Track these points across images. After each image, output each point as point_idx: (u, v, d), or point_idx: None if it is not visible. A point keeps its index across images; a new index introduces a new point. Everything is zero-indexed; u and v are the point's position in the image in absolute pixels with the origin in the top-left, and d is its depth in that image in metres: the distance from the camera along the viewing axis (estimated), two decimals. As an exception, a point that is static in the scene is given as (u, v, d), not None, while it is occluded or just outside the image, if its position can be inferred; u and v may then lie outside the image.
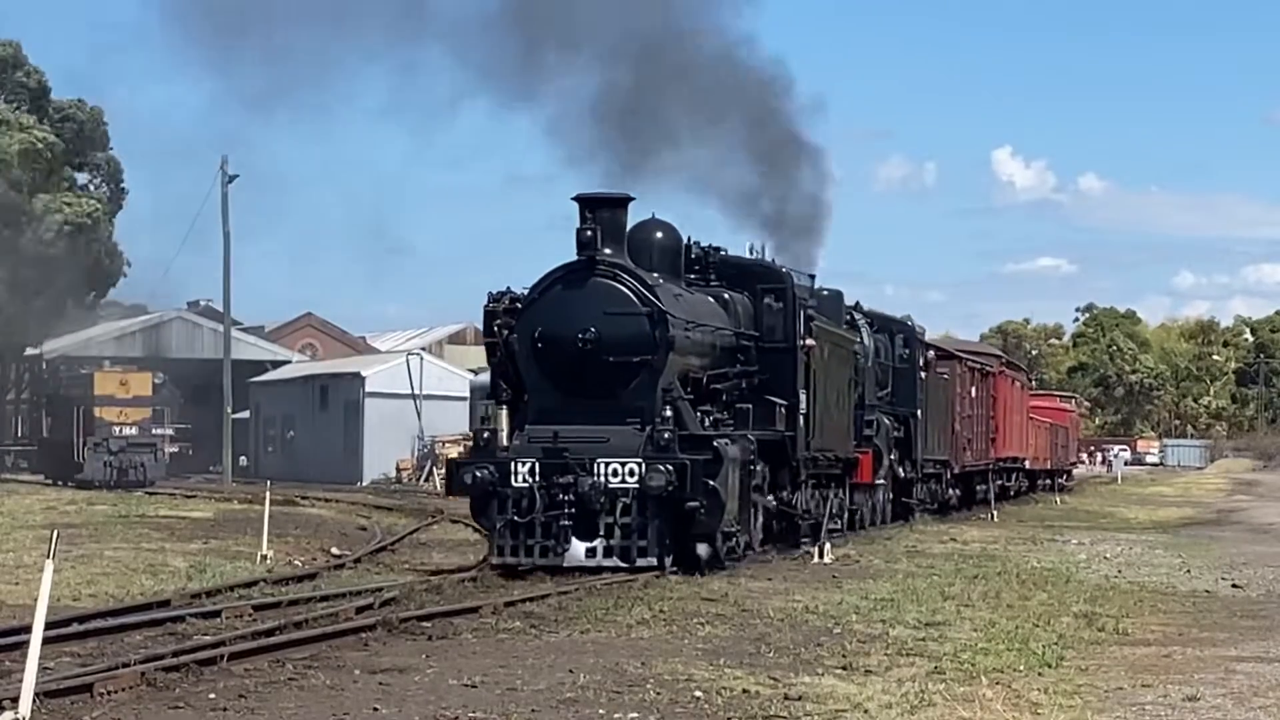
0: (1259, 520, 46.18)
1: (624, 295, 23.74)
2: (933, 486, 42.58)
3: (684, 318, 24.30)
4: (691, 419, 24.01)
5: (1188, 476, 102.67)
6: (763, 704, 12.30)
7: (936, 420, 41.69)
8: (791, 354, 27.30)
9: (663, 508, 22.61)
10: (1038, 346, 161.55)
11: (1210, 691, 13.46)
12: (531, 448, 23.19)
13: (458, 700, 12.08)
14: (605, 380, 23.51)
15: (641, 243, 25.36)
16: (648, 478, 22.43)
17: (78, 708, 11.41)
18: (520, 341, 23.98)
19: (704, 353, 25.33)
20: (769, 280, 27.73)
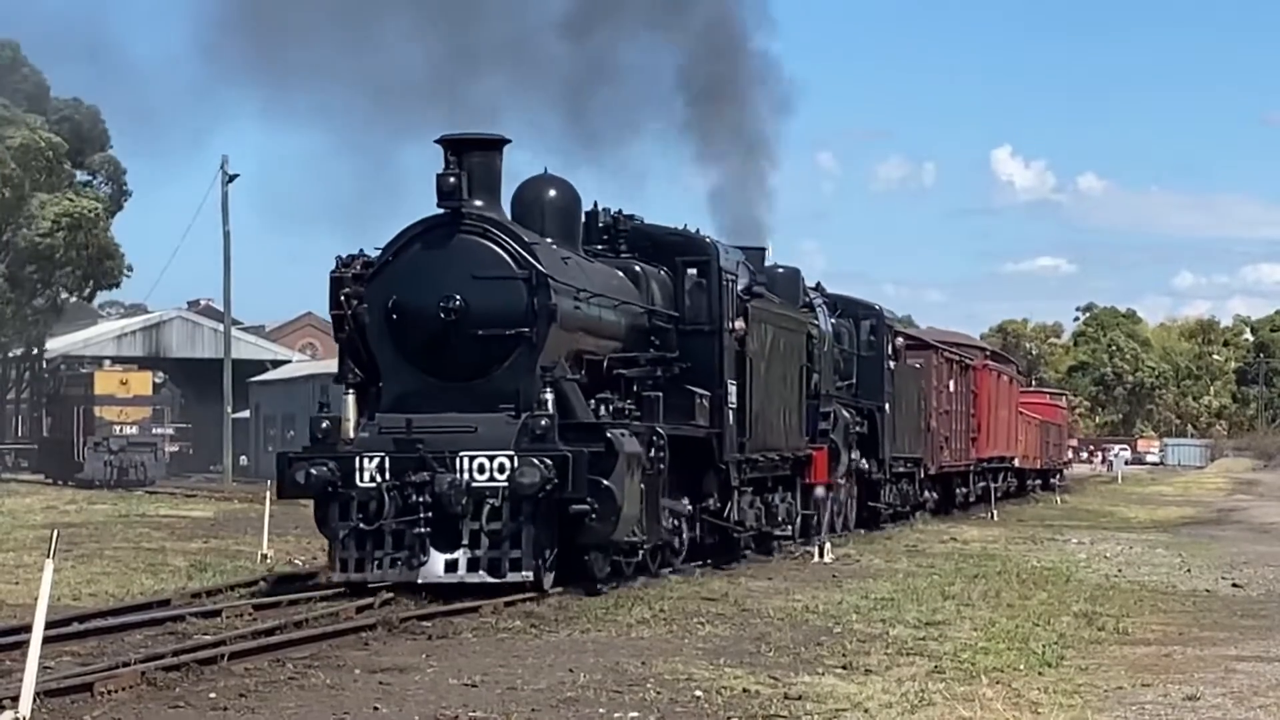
0: (1259, 520, 46.18)
1: (496, 256, 19.94)
2: (904, 488, 38.67)
3: (574, 285, 20.59)
4: (581, 405, 20.15)
5: (1188, 476, 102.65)
6: (763, 703, 12.30)
7: (907, 415, 37.93)
8: (716, 338, 23.71)
9: (542, 511, 18.91)
10: (1037, 346, 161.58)
11: (1210, 691, 13.47)
12: (381, 440, 19.40)
13: (458, 699, 12.09)
14: (473, 358, 19.84)
15: (531, 203, 21.88)
16: (519, 474, 18.62)
17: (78, 707, 11.41)
18: (371, 313, 20.26)
19: (605, 331, 21.79)
20: (691, 252, 24.07)
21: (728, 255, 24.56)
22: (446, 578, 18.59)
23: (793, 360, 27.69)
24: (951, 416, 44.12)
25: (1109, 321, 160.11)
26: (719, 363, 23.71)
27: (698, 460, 23.14)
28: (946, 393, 43.39)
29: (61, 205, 63.79)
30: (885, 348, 35.04)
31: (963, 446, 45.52)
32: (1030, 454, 60.88)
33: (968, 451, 46.22)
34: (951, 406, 44.16)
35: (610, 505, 19.25)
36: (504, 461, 18.85)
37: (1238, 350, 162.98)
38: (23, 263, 64.57)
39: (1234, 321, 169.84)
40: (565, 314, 20.26)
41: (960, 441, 45.19)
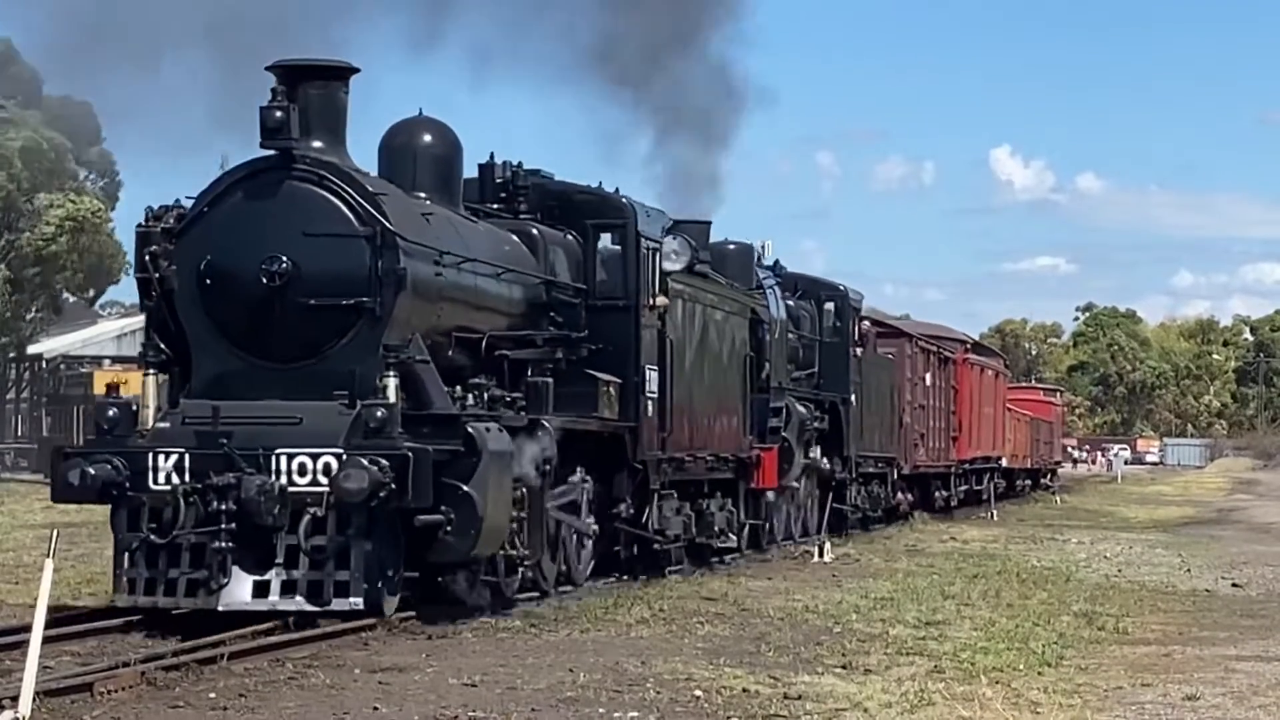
0: (1259, 519, 46.19)
1: (333, 208, 16.52)
2: (874, 490, 35.06)
3: (435, 248, 17.21)
4: (440, 393, 16.52)
5: (1188, 476, 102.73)
6: (762, 703, 12.30)
7: (878, 409, 34.66)
8: (630, 315, 20.44)
9: (381, 523, 15.55)
10: (1037, 346, 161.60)
11: (1210, 690, 13.47)
12: (183, 432, 16.02)
13: (458, 699, 12.09)
14: (302, 334, 16.47)
15: (400, 151, 18.69)
16: (342, 477, 15.20)
17: (78, 707, 11.41)
18: (180, 276, 16.78)
19: (485, 304, 18.54)
20: (605, 215, 20.85)
21: (649, 219, 21.33)
22: (254, 604, 15.29)
23: (733, 347, 24.58)
24: (928, 412, 40.66)
25: (1109, 321, 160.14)
26: (635, 345, 20.50)
27: (606, 460, 20.16)
28: (922, 386, 39.95)
29: (65, 208, 63.77)
30: (851, 332, 31.80)
31: (941, 445, 42.42)
32: (1020, 453, 58.05)
33: (947, 451, 43.16)
34: (928, 401, 40.64)
35: (469, 515, 15.78)
36: (329, 461, 15.41)
37: (1237, 350, 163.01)
38: (25, 265, 64.57)
39: (1233, 321, 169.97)
40: (421, 281, 16.92)
41: (938, 440, 42.00)
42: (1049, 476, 68.53)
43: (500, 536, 16.66)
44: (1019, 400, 62.11)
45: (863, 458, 33.06)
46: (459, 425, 16.22)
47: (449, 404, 16.68)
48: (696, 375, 22.83)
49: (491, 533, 16.27)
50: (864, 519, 34.21)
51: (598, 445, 19.90)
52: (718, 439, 23.70)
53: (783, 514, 28.44)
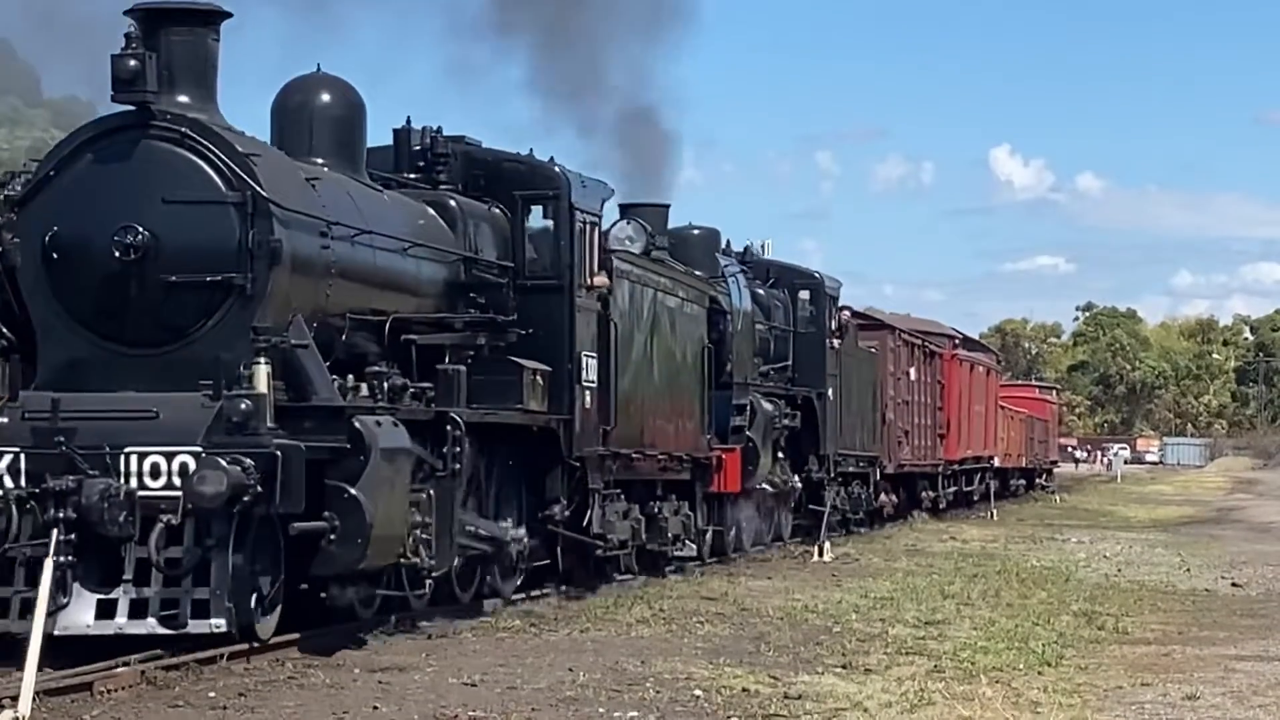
0: (1259, 519, 46.19)
1: (196, 171, 14.55)
2: (855, 491, 32.96)
3: (321, 218, 15.25)
4: (324, 383, 14.38)
5: (1187, 475, 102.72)
6: (762, 703, 12.30)
7: (858, 404, 32.64)
8: (565, 296, 18.63)
9: (251, 532, 13.52)
10: (1037, 345, 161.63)
11: (1210, 690, 13.46)
12: (20, 429, 13.88)
13: (457, 699, 12.08)
14: (162, 315, 14.55)
15: (295, 113, 16.67)
16: (196, 480, 13.14)
17: (78, 706, 11.40)
18: (24, 251, 14.77)
19: (390, 282, 16.60)
20: (535, 185, 18.94)
21: (585, 190, 19.34)
22: (98, 627, 13.26)
23: (690, 337, 22.76)
24: (913, 408, 38.70)
25: (1109, 321, 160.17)
26: (568, 329, 18.64)
27: (537, 456, 18.36)
28: (907, 381, 38.08)
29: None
30: (827, 323, 29.95)
31: (928, 444, 40.41)
32: (1014, 453, 56.37)
33: (935, 450, 41.17)
34: (913, 397, 38.73)
35: (356, 522, 13.80)
36: (186, 462, 13.42)
37: (1237, 349, 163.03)
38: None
39: (1233, 321, 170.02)
40: (302, 255, 14.98)
41: (924, 438, 39.97)
42: (1044, 476, 67.32)
43: (396, 545, 14.64)
44: (1013, 398, 61.07)
45: (842, 456, 31.23)
46: (344, 419, 14.09)
47: (335, 395, 14.49)
48: (646, 366, 21.01)
49: (384, 541, 14.25)
50: (844, 521, 32.35)
51: (527, 441, 18.00)
52: (672, 437, 21.93)
53: (749, 519, 26.65)
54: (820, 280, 30.14)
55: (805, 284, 29.82)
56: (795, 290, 29.47)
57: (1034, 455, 62.88)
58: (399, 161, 18.81)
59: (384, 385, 15.53)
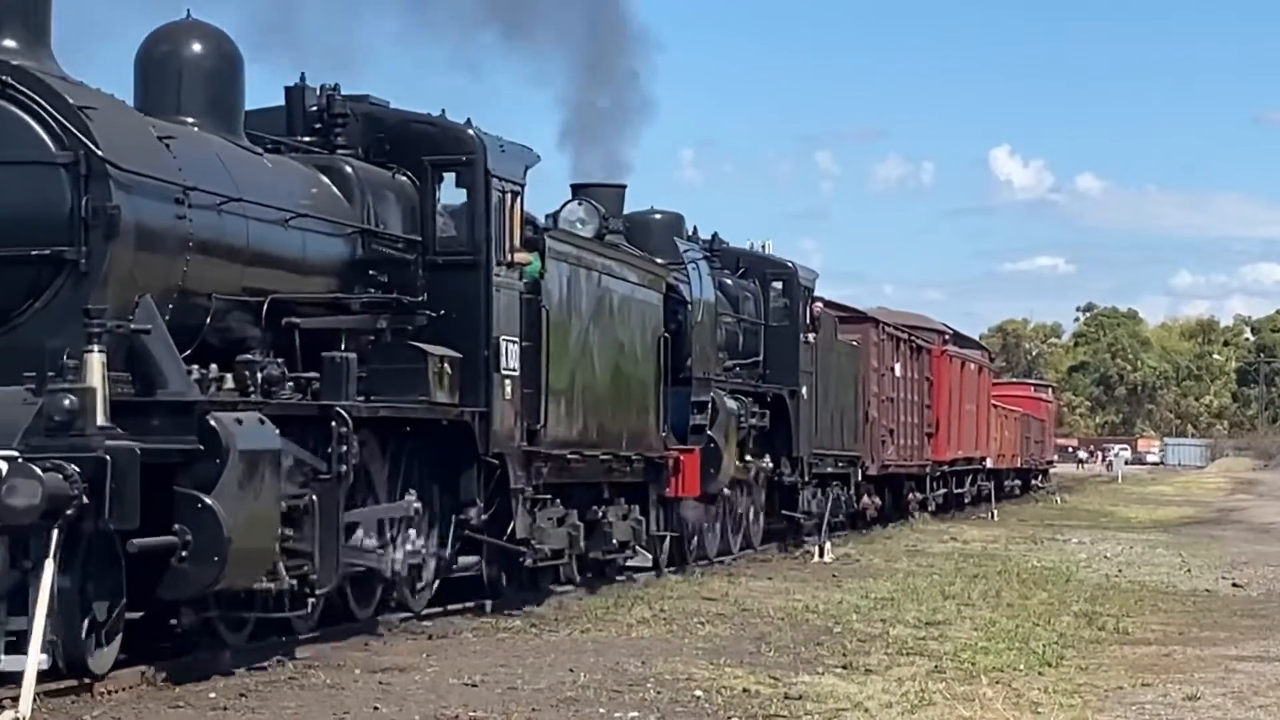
0: (1259, 519, 46.18)
1: (21, 127, 12.60)
2: (834, 493, 30.93)
3: (176, 182, 13.21)
4: (176, 373, 12.45)
5: (1188, 476, 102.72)
6: (763, 703, 12.29)
7: (837, 402, 30.69)
8: (478, 273, 16.61)
9: (82, 549, 11.64)
10: (1037, 346, 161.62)
11: (1210, 691, 13.46)
12: None
13: (458, 699, 12.08)
14: None
15: (160, 64, 14.47)
16: (4, 491, 11.18)
17: (78, 707, 11.38)
18: None
19: (264, 258, 14.43)
20: (446, 149, 16.94)
21: (504, 156, 17.23)
22: None
23: (642, 327, 20.96)
24: (898, 406, 36.55)
25: (1109, 321, 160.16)
26: (484, 311, 16.61)
27: (451, 455, 16.46)
28: (891, 377, 36.01)
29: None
30: (801, 316, 27.96)
31: (915, 443, 38.40)
32: (1008, 453, 54.51)
33: (922, 449, 39.15)
34: (898, 394, 36.51)
35: (211, 536, 11.97)
36: None
37: (1238, 350, 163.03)
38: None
39: (1234, 321, 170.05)
40: (150, 226, 12.96)
41: (911, 437, 38.01)
42: (1041, 477, 65.99)
43: (262, 561, 12.79)
44: (1008, 397, 59.60)
45: (819, 457, 29.25)
46: (194, 415, 12.21)
47: (189, 387, 12.58)
48: (587, 357, 19.13)
49: (246, 557, 12.45)
50: (824, 526, 29.78)
51: (439, 437, 16.16)
52: (621, 435, 20.12)
53: (713, 525, 24.69)
54: (793, 270, 28.14)
55: (777, 274, 27.84)
56: (767, 281, 27.56)
57: (1030, 455, 61.25)
58: (292, 123, 16.74)
59: (257, 375, 13.64)
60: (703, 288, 23.76)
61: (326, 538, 13.67)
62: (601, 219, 21.44)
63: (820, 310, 29.16)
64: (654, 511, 21.75)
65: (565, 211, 21.64)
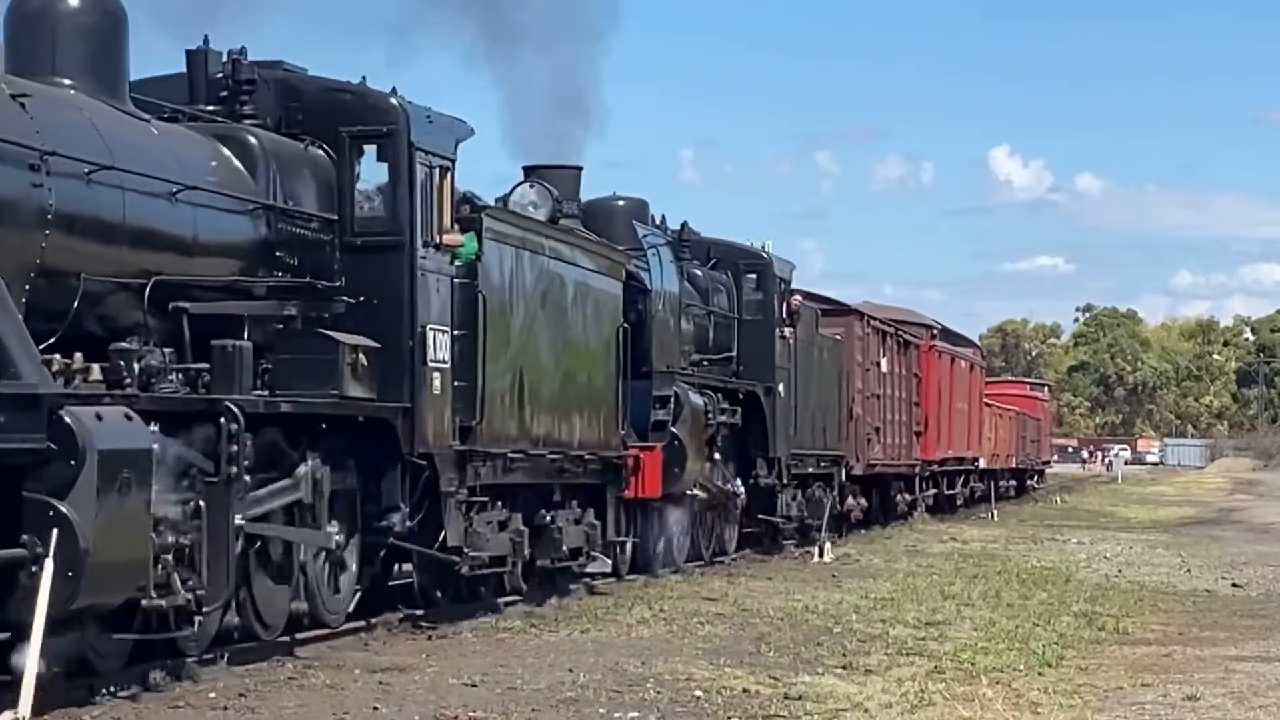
0: (1259, 520, 46.19)
1: None
2: (816, 494, 29.50)
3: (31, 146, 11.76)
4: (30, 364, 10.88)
5: (1188, 476, 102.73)
6: (763, 703, 12.29)
7: (818, 399, 29.31)
8: (402, 256, 15.21)
9: None
10: (1037, 346, 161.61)
11: (1210, 691, 13.46)
12: None
13: (458, 699, 12.08)
14: None
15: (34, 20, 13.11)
16: None
17: (78, 707, 11.39)
18: None
19: (149, 235, 12.95)
20: (364, 120, 15.45)
21: (431, 127, 15.80)
22: None
23: (597, 316, 19.54)
24: (885, 403, 35.02)
25: (1109, 322, 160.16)
26: (408, 297, 15.18)
27: (372, 455, 15.03)
28: (877, 373, 34.47)
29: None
30: (776, 310, 26.58)
31: (903, 442, 36.83)
32: (1001, 452, 52.81)
33: (910, 449, 37.66)
34: (883, 390, 34.95)
35: (68, 549, 10.56)
36: None
37: (1238, 350, 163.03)
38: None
39: (1234, 321, 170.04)
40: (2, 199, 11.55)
41: (899, 435, 36.47)
42: (1036, 478, 64.70)
43: (132, 576, 11.27)
44: (1003, 395, 58.56)
45: (798, 458, 27.80)
46: (43, 410, 10.65)
47: (41, 378, 10.96)
48: (533, 348, 17.68)
49: (110, 571, 10.97)
50: (802, 529, 28.94)
51: (359, 435, 14.80)
52: (573, 433, 18.71)
53: (680, 530, 23.09)
54: (768, 261, 26.64)
55: (751, 266, 26.40)
56: (740, 273, 26.23)
57: (1025, 455, 59.62)
58: (194, 90, 15.25)
59: (134, 366, 12.23)
60: (664, 276, 22.41)
61: (215, 547, 12.24)
62: (555, 202, 20.21)
63: (798, 303, 27.73)
64: (612, 515, 20.16)
65: (516, 194, 20.41)
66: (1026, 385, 74.05)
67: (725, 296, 25.92)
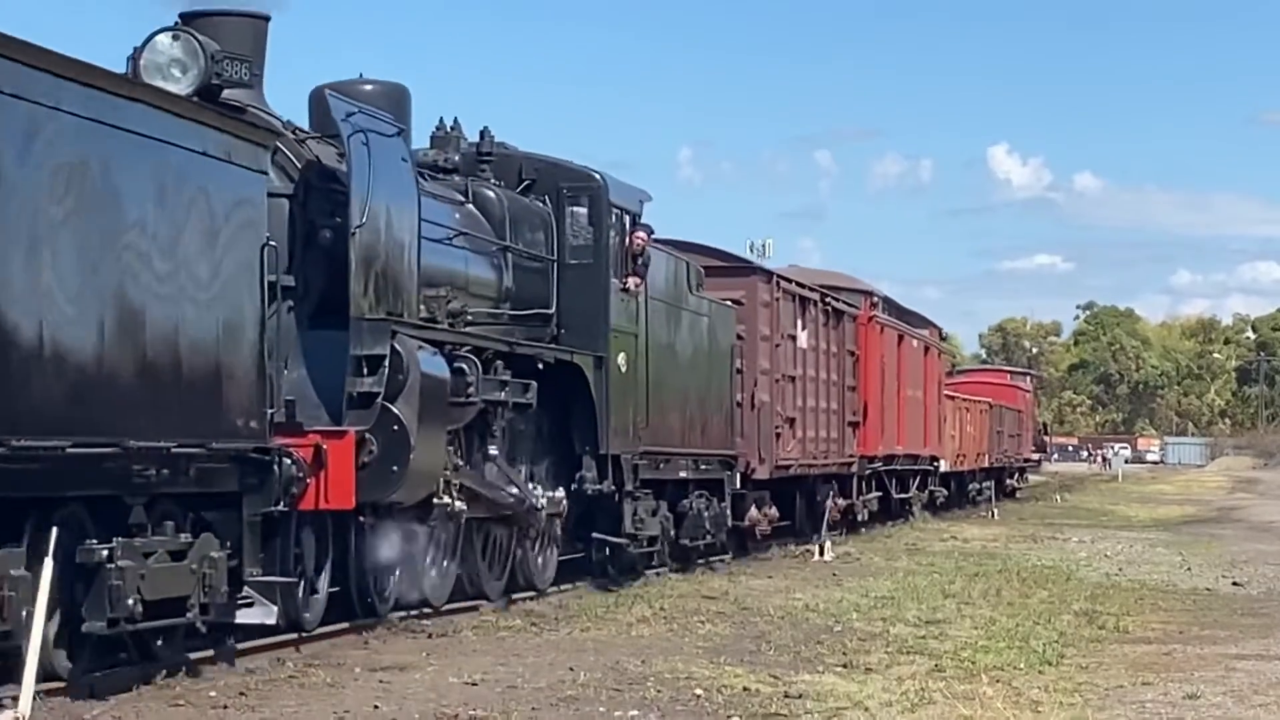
0: (1259, 518, 46.18)
1: None
2: (695, 507, 22.46)
3: None
4: None
5: (1188, 474, 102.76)
6: (763, 702, 12.29)
7: (694, 380, 22.32)
8: None
9: None
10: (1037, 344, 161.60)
11: (1211, 689, 13.45)
12: None
13: (458, 698, 12.07)
14: None
15: None
16: None
17: (78, 706, 11.38)
18: None
19: None
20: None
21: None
22: None
23: (223, 230, 12.57)
24: (803, 387, 28.09)
25: (1109, 320, 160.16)
26: None
27: None
28: (792, 348, 27.64)
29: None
30: (613, 252, 19.67)
31: (832, 435, 29.96)
32: (969, 450, 46.07)
33: (843, 443, 30.73)
34: (804, 371, 28.21)
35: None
36: None
37: (1238, 349, 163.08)
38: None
39: (1234, 320, 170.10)
40: None
41: (826, 427, 29.46)
42: (1017, 477, 57.94)
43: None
44: (976, 385, 53.34)
45: (657, 457, 20.93)
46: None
47: None
48: (72, 274, 10.94)
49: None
50: (682, 552, 22.60)
51: None
52: (169, 414, 11.87)
53: (423, 559, 16.34)
54: (601, 186, 19.63)
55: (578, 191, 19.61)
56: (563, 202, 19.51)
57: (1002, 452, 52.61)
58: None
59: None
60: (382, 179, 15.30)
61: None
62: (208, 61, 14.05)
63: (642, 242, 20.40)
64: (249, 540, 12.89)
65: (149, 50, 14.23)
66: (1006, 374, 67.55)
67: (543, 233, 19.36)
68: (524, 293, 18.83)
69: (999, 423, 52.29)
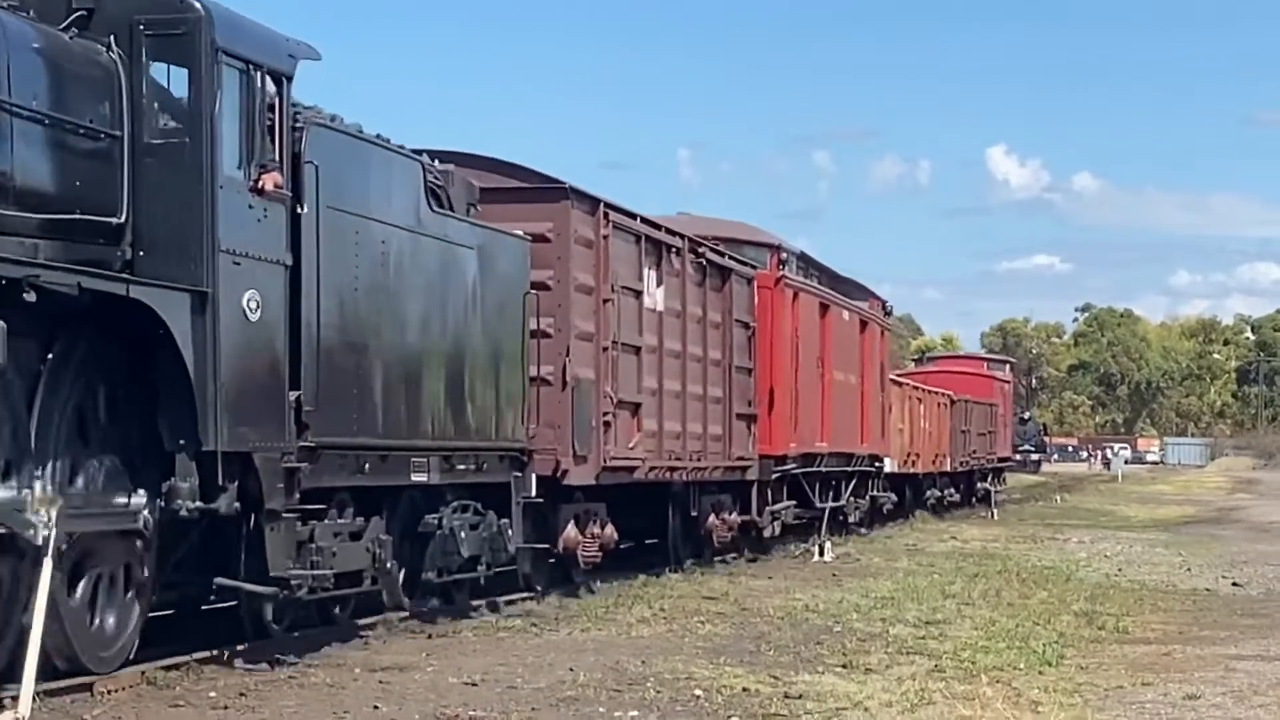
0: (1259, 519, 46.18)
1: None
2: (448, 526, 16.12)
3: None
4: None
5: (1188, 475, 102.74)
6: (763, 702, 12.29)
7: (436, 335, 15.74)
8: None
9: None
10: (1038, 345, 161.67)
11: (1210, 690, 13.46)
12: None
13: (458, 698, 12.08)
14: None
15: None
16: None
17: (78, 707, 11.39)
18: None
19: None
20: None
21: None
22: None
23: None
24: (657, 361, 21.03)
25: (1109, 321, 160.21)
26: None
27: None
28: (638, 307, 20.57)
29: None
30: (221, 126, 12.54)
31: (715, 431, 23.20)
32: (924, 450, 39.59)
33: (733, 440, 23.90)
34: (657, 341, 21.07)
35: None
36: None
37: (1238, 349, 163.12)
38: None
39: (1235, 320, 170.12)
40: None
41: (701, 420, 22.61)
42: (991, 479, 50.05)
43: None
44: (942, 375, 47.17)
45: (351, 451, 14.34)
46: None
47: None
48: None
49: None
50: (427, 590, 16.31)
51: None
52: None
53: None
54: (202, 19, 12.56)
55: (164, 26, 12.55)
56: (143, 43, 12.51)
57: (969, 453, 45.86)
58: None
59: None
60: None
61: None
62: None
63: (307, 119, 13.89)
64: None
65: None
66: (982, 363, 59.51)
67: (104, 92, 12.35)
68: (60, 188, 11.88)
69: (964, 419, 44.95)
